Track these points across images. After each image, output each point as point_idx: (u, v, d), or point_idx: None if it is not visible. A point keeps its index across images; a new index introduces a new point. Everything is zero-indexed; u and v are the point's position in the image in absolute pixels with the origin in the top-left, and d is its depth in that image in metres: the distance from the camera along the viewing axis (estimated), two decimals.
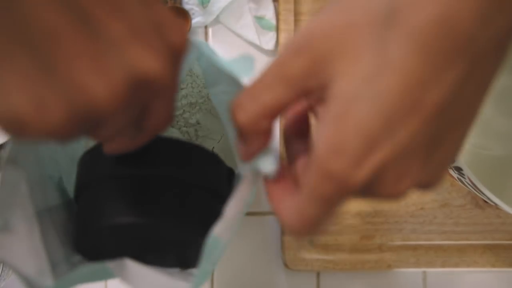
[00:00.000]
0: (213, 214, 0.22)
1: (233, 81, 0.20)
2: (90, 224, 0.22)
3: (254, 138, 0.19)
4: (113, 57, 0.14)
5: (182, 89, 0.31)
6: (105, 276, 0.21)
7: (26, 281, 0.19)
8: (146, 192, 0.21)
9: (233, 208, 0.19)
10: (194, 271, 0.24)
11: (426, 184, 0.18)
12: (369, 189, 0.17)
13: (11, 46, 0.12)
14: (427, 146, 0.17)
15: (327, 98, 0.16)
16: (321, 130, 0.16)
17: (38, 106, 0.13)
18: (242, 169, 0.21)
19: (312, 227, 0.17)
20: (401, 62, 0.15)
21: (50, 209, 0.23)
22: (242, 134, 0.19)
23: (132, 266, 0.20)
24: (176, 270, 0.23)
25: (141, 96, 0.15)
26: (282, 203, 0.19)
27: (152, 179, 0.22)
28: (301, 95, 0.17)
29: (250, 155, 0.20)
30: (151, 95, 0.16)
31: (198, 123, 0.31)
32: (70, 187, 0.26)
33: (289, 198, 0.18)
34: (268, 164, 0.18)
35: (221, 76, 0.21)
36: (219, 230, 0.19)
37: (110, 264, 0.20)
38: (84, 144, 0.27)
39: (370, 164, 0.16)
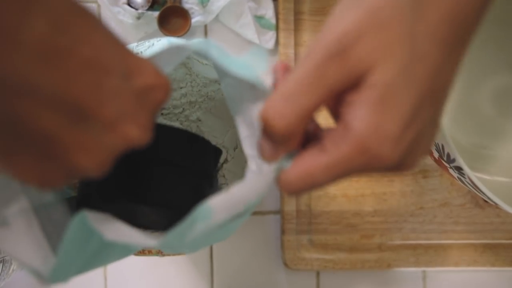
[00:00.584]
0: (203, 195, 0.22)
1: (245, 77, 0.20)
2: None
3: (289, 141, 0.20)
4: (100, 140, 0.16)
5: (181, 88, 0.31)
6: (98, 247, 0.20)
7: (33, 272, 0.19)
8: (140, 175, 0.23)
9: (239, 192, 0.19)
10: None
11: (425, 154, 0.21)
12: (397, 164, 0.19)
13: (17, 146, 0.15)
14: (433, 121, 0.20)
15: (365, 87, 0.18)
16: (358, 113, 0.18)
17: (42, 182, 0.17)
18: (256, 164, 0.20)
19: (320, 185, 0.20)
20: (427, 55, 0.18)
21: (47, 205, 0.23)
22: (276, 138, 0.20)
23: (113, 220, 0.20)
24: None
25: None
26: (303, 160, 0.20)
27: (145, 163, 0.23)
28: (336, 94, 0.19)
29: (278, 156, 0.21)
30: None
31: (199, 120, 0.31)
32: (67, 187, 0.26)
33: (312, 157, 0.20)
34: (290, 162, 0.19)
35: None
36: (215, 202, 0.18)
37: (90, 214, 0.19)
38: None
39: (405, 143, 0.19)
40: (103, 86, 0.16)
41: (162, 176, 0.23)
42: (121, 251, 0.21)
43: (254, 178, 0.19)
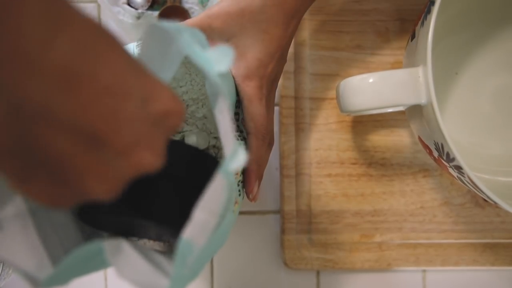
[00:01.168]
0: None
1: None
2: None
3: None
4: (112, 166, 0.16)
5: (181, 86, 0.31)
6: (100, 263, 0.20)
7: (26, 277, 0.19)
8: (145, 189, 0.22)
9: (202, 211, 0.19)
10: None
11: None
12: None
13: (31, 170, 0.16)
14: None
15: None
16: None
17: (53, 202, 0.17)
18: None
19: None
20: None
21: (44, 208, 0.23)
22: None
23: (127, 250, 0.20)
24: (166, 260, 0.23)
25: None
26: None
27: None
28: None
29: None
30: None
31: (205, 117, 0.31)
32: None
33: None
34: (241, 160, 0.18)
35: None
36: (189, 234, 0.18)
37: (106, 244, 0.19)
38: None
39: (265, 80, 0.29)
40: (120, 112, 0.16)
41: (167, 191, 0.23)
42: None
43: (211, 188, 0.19)
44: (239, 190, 0.31)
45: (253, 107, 0.29)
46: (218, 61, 0.19)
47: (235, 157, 0.18)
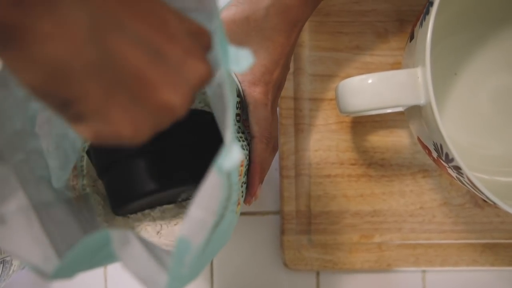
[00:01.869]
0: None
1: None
2: (123, 196, 0.27)
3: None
4: (178, 75, 0.18)
5: None
6: (107, 256, 0.20)
7: (34, 268, 0.19)
8: (166, 161, 0.26)
9: (197, 208, 0.19)
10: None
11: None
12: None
13: (113, 89, 0.16)
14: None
15: None
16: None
17: (135, 130, 0.18)
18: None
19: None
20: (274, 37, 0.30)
21: (47, 204, 0.23)
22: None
23: (134, 243, 0.20)
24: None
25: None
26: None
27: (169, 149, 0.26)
28: None
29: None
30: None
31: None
32: (58, 183, 0.26)
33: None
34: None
35: None
36: (186, 232, 0.18)
37: (114, 234, 0.19)
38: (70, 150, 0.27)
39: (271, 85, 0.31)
40: (168, 24, 0.18)
41: (176, 156, 0.27)
42: None
43: (204, 187, 0.19)
44: (242, 192, 0.31)
45: (259, 112, 0.30)
46: (236, 61, 0.20)
47: (230, 156, 0.18)
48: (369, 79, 0.30)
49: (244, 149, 0.29)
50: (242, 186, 0.29)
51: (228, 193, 0.20)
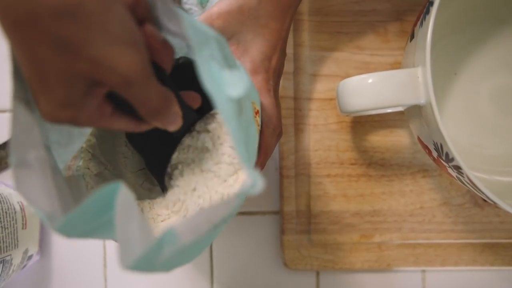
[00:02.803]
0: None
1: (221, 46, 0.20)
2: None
3: None
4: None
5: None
6: (105, 226, 0.20)
7: (45, 215, 0.19)
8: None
9: (201, 216, 0.19)
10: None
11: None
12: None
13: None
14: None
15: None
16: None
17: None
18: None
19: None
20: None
21: (55, 168, 0.23)
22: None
23: (134, 210, 0.20)
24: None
25: None
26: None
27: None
28: None
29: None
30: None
31: None
32: (57, 160, 0.26)
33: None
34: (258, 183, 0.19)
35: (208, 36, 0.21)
36: (180, 228, 0.19)
37: (122, 189, 0.19)
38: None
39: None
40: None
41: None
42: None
43: (219, 203, 0.19)
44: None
45: (263, 98, 0.30)
46: (232, 84, 0.20)
47: (255, 187, 0.19)
48: (369, 79, 0.30)
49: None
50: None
51: (234, 211, 0.20)
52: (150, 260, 0.19)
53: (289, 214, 0.40)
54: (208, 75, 0.19)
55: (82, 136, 0.28)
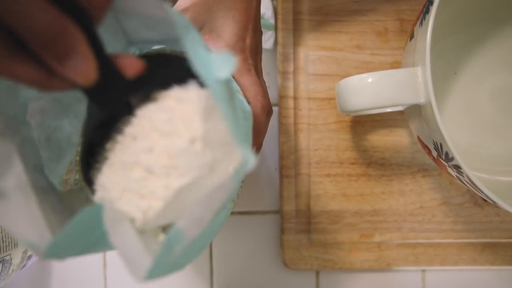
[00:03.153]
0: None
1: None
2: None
3: None
4: None
5: None
6: (101, 238, 0.20)
7: (30, 245, 0.19)
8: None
9: (202, 206, 0.19)
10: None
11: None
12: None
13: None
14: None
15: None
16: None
17: None
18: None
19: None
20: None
21: (43, 189, 0.23)
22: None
23: (125, 224, 0.20)
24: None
25: None
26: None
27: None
28: None
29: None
30: None
31: None
32: (51, 176, 0.25)
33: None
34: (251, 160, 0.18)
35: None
36: (184, 225, 0.19)
37: (107, 210, 0.19)
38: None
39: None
40: None
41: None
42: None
43: (216, 188, 0.19)
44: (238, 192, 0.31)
45: (245, 78, 0.30)
46: (220, 66, 0.19)
47: (247, 165, 0.18)
48: (369, 78, 0.30)
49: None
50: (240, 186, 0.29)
51: (232, 194, 0.20)
52: (162, 265, 0.18)
53: (289, 214, 0.40)
54: (197, 57, 0.19)
55: (71, 147, 0.27)
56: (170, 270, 0.19)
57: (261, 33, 0.33)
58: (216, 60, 0.19)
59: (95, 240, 0.19)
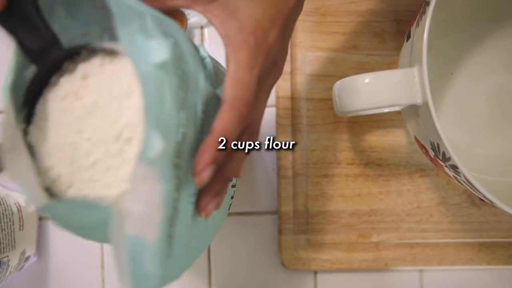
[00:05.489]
0: None
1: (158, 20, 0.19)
2: None
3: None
4: None
5: None
6: (98, 227, 0.20)
7: (33, 196, 0.20)
8: None
9: (134, 203, 0.18)
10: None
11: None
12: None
13: None
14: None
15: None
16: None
17: None
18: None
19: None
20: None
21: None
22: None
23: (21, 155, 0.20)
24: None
25: None
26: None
27: None
28: None
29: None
30: None
31: None
32: None
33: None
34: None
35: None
36: (131, 229, 0.18)
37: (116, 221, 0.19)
38: None
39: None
40: None
41: None
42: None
43: (135, 182, 0.18)
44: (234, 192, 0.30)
45: (240, 73, 0.23)
46: (158, 50, 0.19)
47: (149, 146, 0.17)
48: (366, 79, 0.30)
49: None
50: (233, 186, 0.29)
51: (174, 183, 0.20)
52: (141, 276, 0.18)
53: (287, 214, 0.40)
54: (131, 44, 0.19)
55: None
56: (157, 281, 0.19)
57: (288, 38, 0.26)
58: (156, 45, 0.19)
59: (94, 222, 0.19)
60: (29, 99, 0.22)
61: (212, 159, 0.21)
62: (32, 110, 0.22)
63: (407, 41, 0.33)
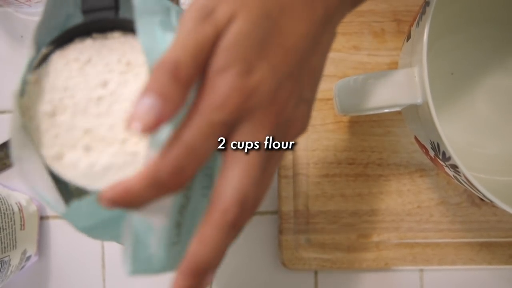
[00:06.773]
0: None
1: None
2: None
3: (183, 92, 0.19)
4: None
5: None
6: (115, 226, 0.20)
7: (49, 203, 0.20)
8: None
9: None
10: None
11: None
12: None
13: None
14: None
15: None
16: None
17: None
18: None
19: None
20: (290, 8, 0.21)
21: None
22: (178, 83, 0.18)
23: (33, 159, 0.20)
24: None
25: None
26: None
27: None
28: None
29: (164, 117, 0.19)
30: None
31: None
32: None
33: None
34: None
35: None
36: (140, 212, 0.18)
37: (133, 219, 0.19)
38: None
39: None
40: None
41: None
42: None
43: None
44: None
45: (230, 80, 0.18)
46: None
47: (160, 131, 0.18)
48: (366, 79, 0.30)
49: None
50: None
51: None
52: (142, 260, 0.18)
53: (287, 214, 0.40)
54: (147, 34, 0.19)
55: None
56: (171, 263, 0.19)
57: (335, 37, 0.24)
58: (170, 39, 0.19)
59: (107, 219, 0.20)
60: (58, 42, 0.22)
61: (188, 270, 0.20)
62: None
63: (407, 41, 0.33)
